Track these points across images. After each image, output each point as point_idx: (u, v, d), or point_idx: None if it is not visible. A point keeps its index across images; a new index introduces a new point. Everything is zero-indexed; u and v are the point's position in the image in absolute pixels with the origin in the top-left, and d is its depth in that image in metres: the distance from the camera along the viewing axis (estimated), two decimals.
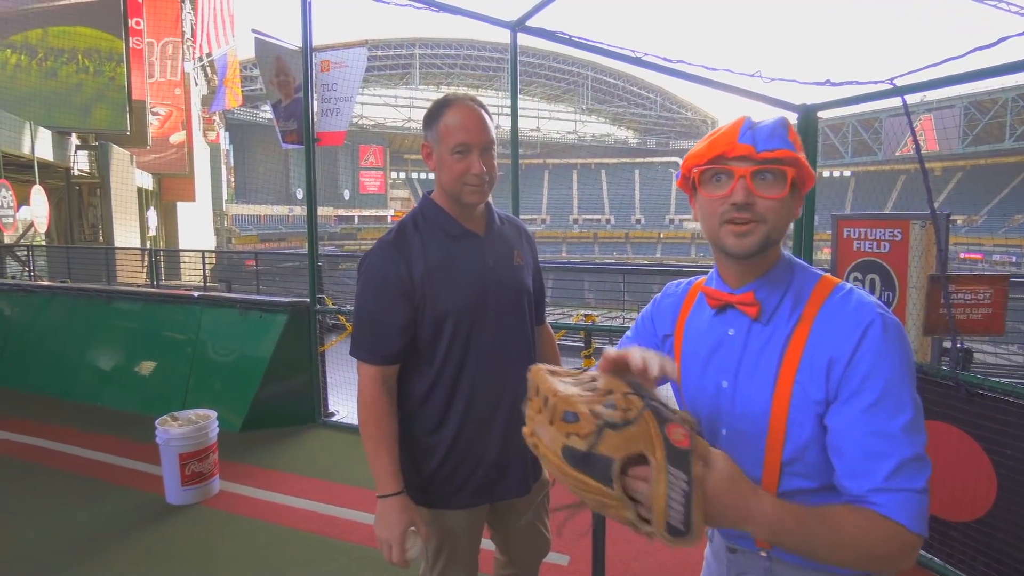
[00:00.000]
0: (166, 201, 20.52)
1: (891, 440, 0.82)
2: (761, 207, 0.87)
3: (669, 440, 0.68)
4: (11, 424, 4.26)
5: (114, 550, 2.74)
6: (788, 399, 0.88)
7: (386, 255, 1.39)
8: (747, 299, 0.93)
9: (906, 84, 2.47)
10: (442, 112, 1.39)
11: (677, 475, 0.68)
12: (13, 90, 12.23)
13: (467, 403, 1.44)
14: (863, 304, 0.87)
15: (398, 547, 1.34)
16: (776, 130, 0.89)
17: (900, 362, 0.84)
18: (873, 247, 2.89)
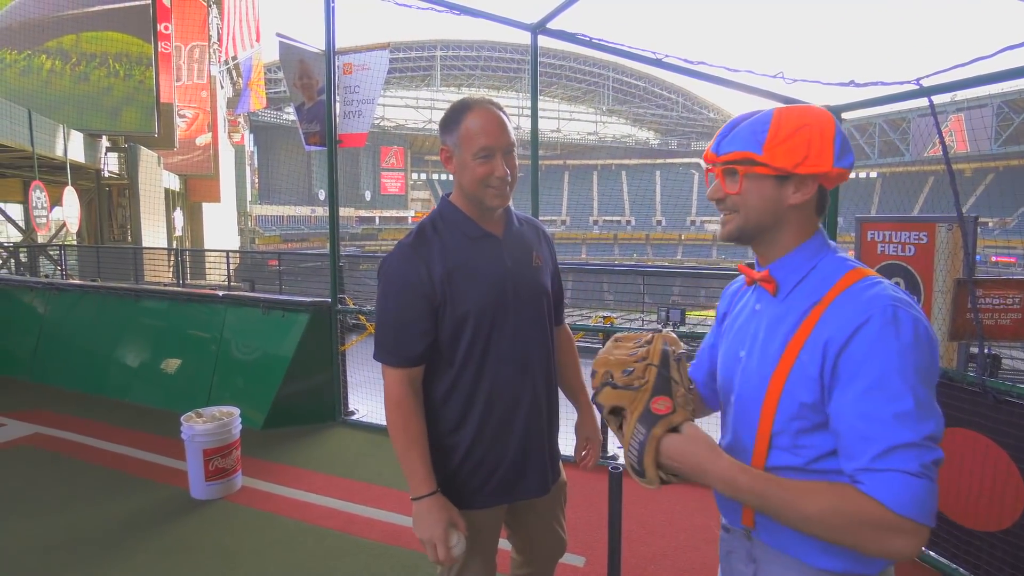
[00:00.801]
0: (192, 202, 20.96)
1: (882, 425, 0.83)
2: (730, 201, 1.00)
3: (650, 406, 0.93)
4: (43, 417, 4.40)
5: (139, 542, 2.81)
6: (787, 373, 0.94)
7: (406, 258, 1.40)
8: (765, 276, 1.02)
9: (933, 84, 2.43)
10: (462, 116, 1.39)
11: (639, 430, 0.92)
12: (47, 94, 12.61)
13: (487, 404, 1.45)
14: (877, 296, 0.88)
15: (442, 546, 1.35)
16: (740, 131, 0.98)
17: (899, 354, 0.84)
18: (898, 250, 2.84)
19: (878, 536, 0.82)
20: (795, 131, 0.93)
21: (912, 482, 0.81)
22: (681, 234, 48.97)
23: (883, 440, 0.83)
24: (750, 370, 1.01)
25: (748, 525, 1.03)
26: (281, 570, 2.61)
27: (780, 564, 0.99)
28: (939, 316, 2.62)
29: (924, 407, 0.84)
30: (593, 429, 1.74)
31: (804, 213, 0.99)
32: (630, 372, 0.95)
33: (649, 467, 0.91)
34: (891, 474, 0.82)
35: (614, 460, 3.72)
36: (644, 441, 0.91)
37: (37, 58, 12.67)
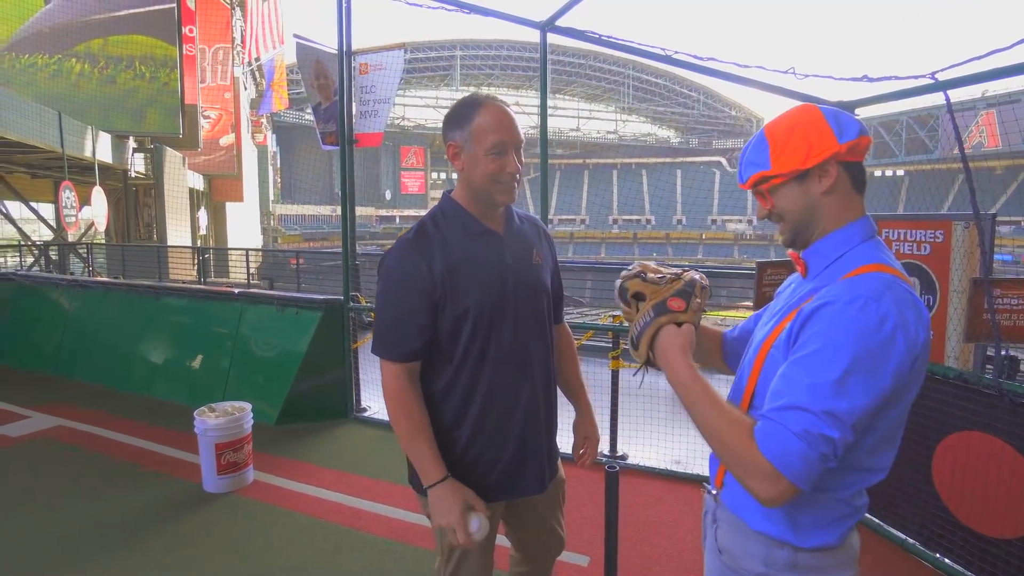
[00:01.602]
0: (216, 201, 21.32)
1: (796, 387, 0.91)
2: (774, 214, 1.08)
3: (666, 301, 1.07)
4: (65, 410, 4.52)
5: (152, 534, 2.87)
6: (771, 343, 1.03)
7: (406, 254, 1.41)
8: (797, 258, 1.10)
9: (949, 78, 2.37)
10: (474, 112, 1.39)
11: (649, 314, 1.07)
12: (76, 97, 12.94)
13: (485, 400, 1.45)
14: (863, 285, 0.93)
15: (461, 530, 1.34)
16: (748, 158, 1.07)
17: (846, 335, 0.89)
18: (913, 249, 2.78)
19: (745, 471, 0.92)
20: (788, 135, 1.01)
21: (789, 439, 0.88)
22: (702, 233, 48.46)
23: (789, 397, 0.91)
24: (756, 338, 1.12)
25: (718, 486, 1.13)
26: (288, 563, 2.64)
27: (731, 524, 1.09)
28: (955, 317, 2.55)
29: (844, 387, 0.88)
30: (591, 428, 1.73)
31: (839, 195, 1.02)
32: (662, 277, 1.10)
33: (643, 344, 1.06)
34: (777, 426, 0.90)
35: (611, 459, 3.70)
36: (649, 323, 1.06)
37: (67, 62, 13.02)
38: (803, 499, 0.97)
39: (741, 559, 1.05)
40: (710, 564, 1.15)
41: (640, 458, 3.69)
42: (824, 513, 0.99)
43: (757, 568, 1.02)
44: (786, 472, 0.88)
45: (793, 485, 0.88)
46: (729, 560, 1.07)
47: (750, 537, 1.04)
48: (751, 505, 1.03)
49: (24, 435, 4.10)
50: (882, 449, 1.00)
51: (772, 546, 1.01)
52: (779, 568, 1.01)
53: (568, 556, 2.64)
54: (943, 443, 2.55)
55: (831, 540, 1.00)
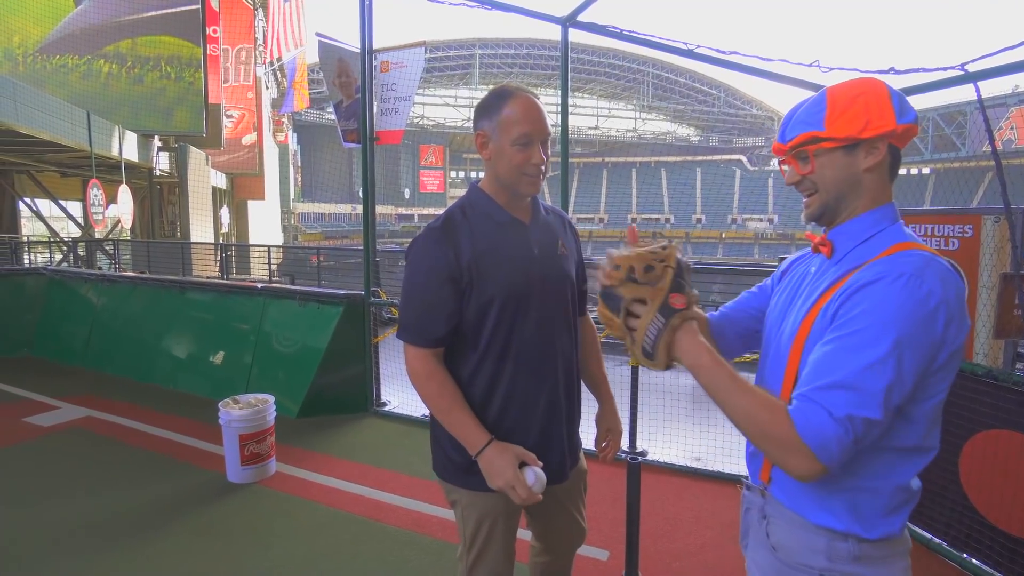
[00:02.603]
0: (238, 199, 21.66)
1: (838, 366, 0.89)
2: (807, 182, 1.04)
3: (668, 300, 1.01)
4: (94, 402, 4.63)
5: (176, 522, 2.93)
6: (811, 324, 0.99)
7: (434, 240, 1.42)
8: (822, 240, 1.06)
9: (979, 70, 2.32)
10: (503, 102, 1.40)
11: (659, 319, 1.01)
12: (105, 97, 13.24)
13: (509, 388, 1.46)
14: (905, 262, 0.91)
15: (520, 485, 1.33)
16: (799, 116, 1.02)
17: (893, 310, 0.88)
18: (940, 244, 2.73)
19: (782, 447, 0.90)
20: (852, 101, 0.97)
21: (827, 423, 0.87)
22: (722, 232, 47.93)
23: (831, 376, 0.89)
24: (788, 325, 1.07)
25: (764, 481, 1.09)
26: (309, 552, 2.68)
27: (786, 520, 1.04)
28: (984, 313, 2.50)
29: (890, 366, 0.86)
30: (614, 420, 1.73)
31: (878, 177, 1.01)
32: (651, 269, 1.03)
33: (662, 351, 1.02)
34: (817, 408, 0.88)
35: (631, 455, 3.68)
36: (662, 328, 1.01)
37: (96, 62, 13.33)
38: (864, 489, 0.96)
39: (800, 554, 1.01)
40: (761, 561, 1.09)
41: (660, 455, 3.67)
42: (887, 502, 0.97)
43: (820, 563, 0.99)
44: (822, 456, 0.87)
45: (825, 467, 0.88)
46: (786, 556, 1.03)
47: (810, 531, 1.00)
48: (809, 499, 1.00)
49: (54, 425, 4.21)
50: (933, 426, 0.97)
51: (835, 539, 0.98)
52: (844, 561, 0.98)
53: (588, 551, 2.64)
54: (971, 441, 2.50)
55: (895, 529, 0.98)
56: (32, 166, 13.00)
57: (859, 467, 0.95)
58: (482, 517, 1.51)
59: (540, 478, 1.35)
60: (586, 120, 53.80)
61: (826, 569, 0.98)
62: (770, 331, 1.14)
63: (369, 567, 2.58)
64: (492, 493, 1.50)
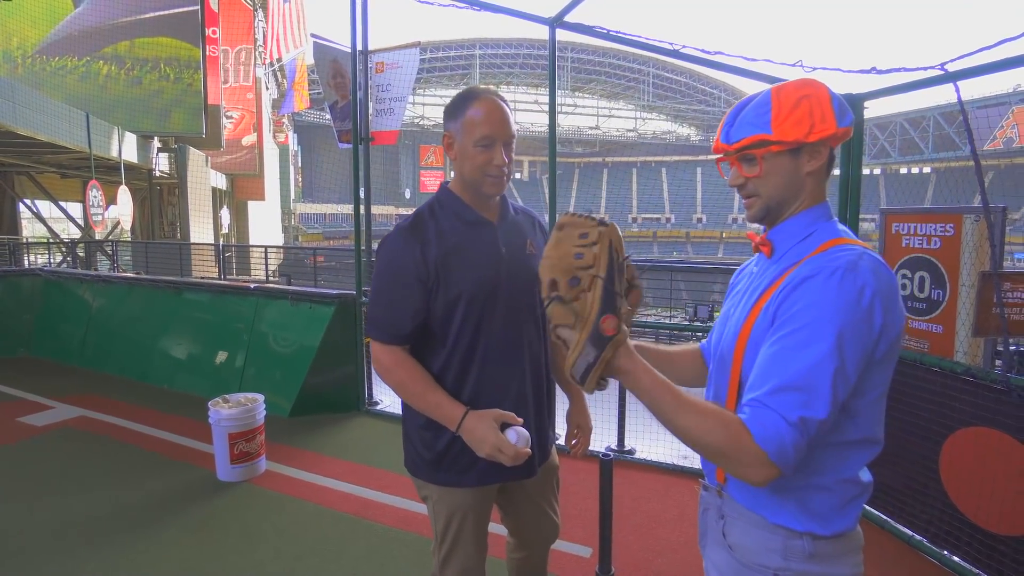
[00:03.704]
0: (238, 200, 21.69)
1: (782, 368, 0.89)
2: (751, 185, 1.04)
3: (599, 327, 0.92)
4: (89, 401, 4.66)
5: (167, 520, 2.96)
6: (751, 327, 0.99)
7: (402, 239, 1.45)
8: (763, 239, 1.08)
9: (958, 69, 2.33)
10: (467, 105, 1.43)
11: (589, 351, 0.93)
12: (104, 98, 13.29)
13: (476, 386, 1.48)
14: (837, 258, 0.93)
15: (505, 446, 1.34)
16: (745, 116, 1.02)
17: (829, 308, 0.89)
18: (923, 243, 2.74)
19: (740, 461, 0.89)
20: (797, 103, 0.98)
21: (783, 428, 0.87)
22: (722, 232, 47.89)
23: (777, 379, 0.89)
24: (732, 324, 1.07)
25: (720, 481, 1.09)
26: (297, 549, 2.71)
27: (744, 519, 1.04)
28: (963, 311, 2.52)
29: (832, 363, 0.87)
30: (584, 417, 1.75)
31: (818, 179, 1.03)
32: (577, 282, 0.94)
33: (591, 382, 0.95)
34: (772, 414, 0.88)
35: (619, 453, 3.71)
36: (593, 363, 0.93)
37: (95, 64, 13.37)
38: (817, 486, 0.97)
39: (758, 554, 1.01)
40: (719, 561, 1.09)
41: (648, 453, 3.69)
42: (839, 497, 0.98)
43: (775, 562, 1.00)
44: (780, 461, 0.87)
45: (781, 471, 0.88)
46: (743, 556, 1.03)
47: (767, 530, 1.00)
48: (766, 498, 1.00)
49: (49, 425, 4.24)
50: (877, 419, 0.98)
51: (791, 537, 0.98)
52: (799, 559, 0.98)
53: (570, 547, 2.66)
54: (950, 439, 2.52)
55: (849, 525, 0.99)
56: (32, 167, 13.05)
57: (808, 465, 0.95)
58: (452, 512, 1.53)
59: (522, 435, 1.36)
60: (586, 120, 53.80)
61: (781, 568, 0.99)
62: (718, 334, 1.14)
63: (355, 564, 2.60)
64: (461, 489, 1.53)
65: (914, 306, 2.81)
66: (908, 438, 2.68)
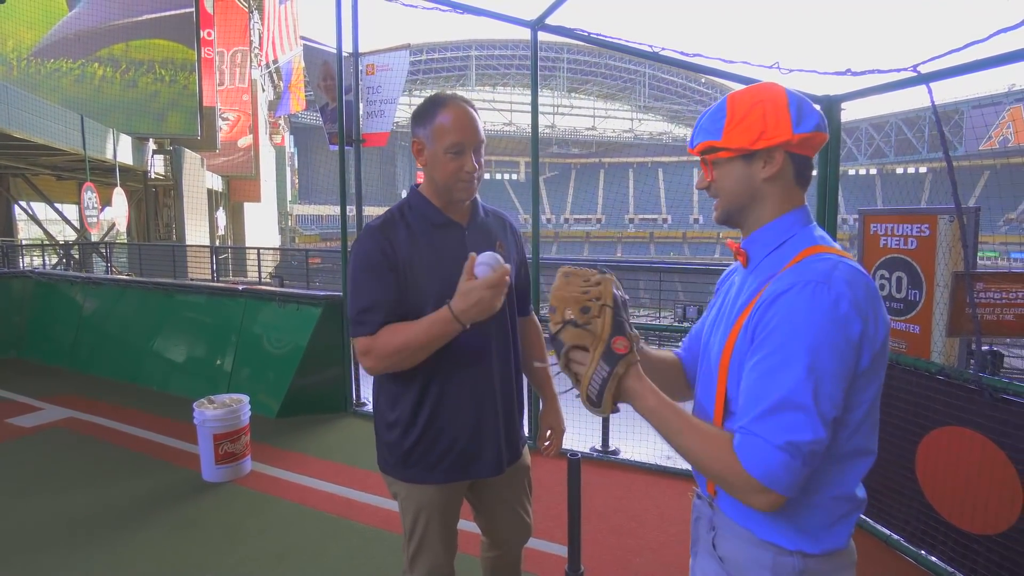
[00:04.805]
0: (234, 202, 21.69)
1: (764, 392, 0.89)
2: (714, 187, 1.05)
3: (611, 346, 0.99)
4: (78, 403, 4.67)
5: (151, 519, 2.97)
6: (734, 341, 0.99)
7: (373, 237, 1.47)
8: (738, 249, 1.08)
9: (931, 71, 2.35)
10: (436, 111, 1.45)
11: (603, 367, 0.99)
12: (99, 100, 13.29)
13: (443, 384, 1.50)
14: (811, 270, 0.91)
15: (490, 280, 1.33)
16: (703, 123, 1.04)
17: (807, 324, 0.88)
18: (900, 243, 2.77)
19: (736, 488, 0.91)
20: (749, 110, 0.97)
21: (770, 453, 0.87)
22: (719, 232, 47.91)
23: (760, 403, 0.89)
24: (715, 341, 1.06)
25: (711, 493, 1.09)
26: (278, 548, 2.72)
27: (733, 533, 1.03)
28: (938, 311, 2.54)
29: (812, 381, 0.86)
30: (556, 418, 1.76)
31: (781, 185, 1.01)
32: (588, 311, 1.00)
33: (608, 400, 0.99)
34: (758, 440, 0.88)
35: (604, 454, 3.73)
36: (607, 378, 0.98)
37: (90, 66, 13.38)
38: (808, 503, 0.95)
39: (748, 569, 1.00)
40: (708, 571, 1.09)
41: (632, 453, 3.71)
42: (829, 514, 0.96)
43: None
44: (774, 486, 0.87)
45: (781, 495, 0.88)
46: (733, 569, 1.03)
47: (757, 546, 0.99)
48: (756, 514, 0.99)
49: (37, 425, 4.25)
50: (870, 430, 0.98)
51: (780, 554, 0.97)
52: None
53: (548, 547, 2.68)
54: (926, 439, 2.54)
55: (840, 543, 0.97)
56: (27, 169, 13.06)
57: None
58: (419, 509, 1.56)
59: (487, 260, 1.36)
60: (583, 121, 53.85)
61: None
62: (703, 350, 1.13)
63: (336, 563, 2.62)
64: (427, 486, 1.55)
65: (892, 306, 2.83)
66: (885, 438, 2.70)
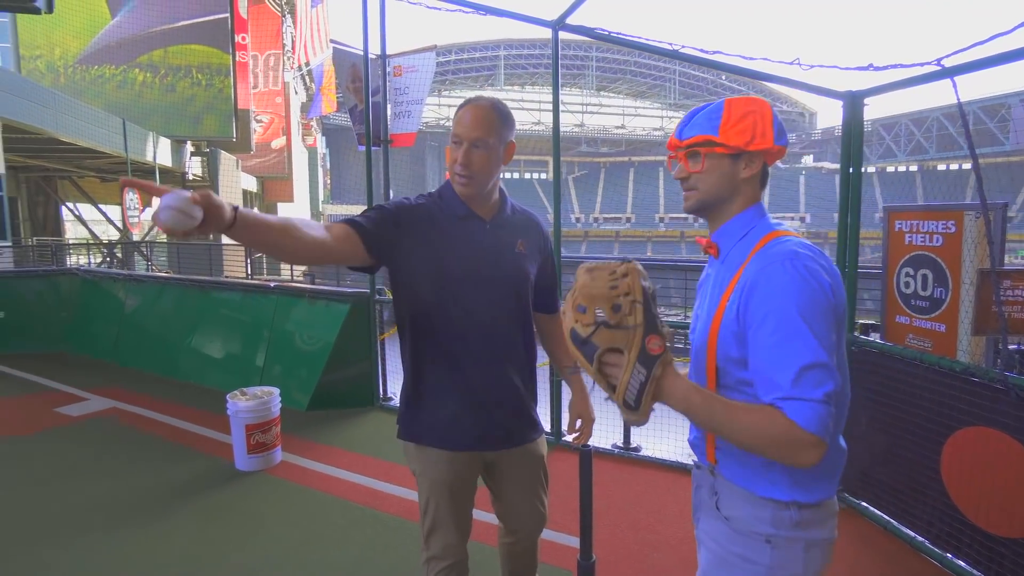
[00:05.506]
0: (268, 202, 22.23)
1: (783, 361, 0.99)
2: (692, 179, 1.16)
3: (646, 347, 0.97)
4: (120, 394, 4.89)
5: (185, 505, 3.11)
6: (719, 324, 1.11)
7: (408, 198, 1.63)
8: (709, 242, 1.20)
9: (955, 65, 2.31)
10: (459, 108, 1.58)
11: (640, 371, 0.97)
12: (139, 105, 13.80)
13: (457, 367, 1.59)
14: (778, 252, 1.05)
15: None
16: (698, 119, 1.15)
17: (793, 294, 1.00)
18: (925, 240, 2.72)
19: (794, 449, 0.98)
20: (743, 116, 1.11)
21: (818, 408, 0.97)
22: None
23: (787, 370, 0.98)
24: (701, 324, 1.18)
25: (712, 461, 1.19)
26: (305, 535, 2.82)
27: (735, 495, 1.15)
28: (966, 309, 2.49)
29: (815, 339, 0.98)
30: (586, 408, 1.82)
31: (752, 185, 1.16)
32: (619, 309, 0.97)
33: (647, 404, 0.98)
34: (803, 403, 0.97)
35: (625, 450, 3.74)
36: (645, 382, 0.97)
37: (131, 72, 13.90)
38: None
39: (751, 523, 1.12)
40: (713, 531, 1.19)
41: (653, 450, 3.72)
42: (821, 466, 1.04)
43: (767, 530, 1.10)
44: (825, 435, 0.96)
45: (826, 443, 0.97)
46: (738, 525, 1.14)
47: (757, 504, 1.11)
48: (754, 474, 1.11)
49: (83, 415, 4.47)
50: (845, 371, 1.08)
51: (779, 508, 1.09)
52: (787, 527, 1.09)
53: (569, 539, 2.72)
54: (951, 439, 2.49)
55: (831, 492, 1.11)
56: (73, 172, 13.64)
57: None
58: (431, 485, 1.65)
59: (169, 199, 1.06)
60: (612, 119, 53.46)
61: (772, 535, 1.10)
62: (692, 334, 1.25)
63: (359, 550, 2.71)
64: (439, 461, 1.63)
65: (917, 304, 2.78)
66: (909, 437, 2.67)
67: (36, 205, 14.74)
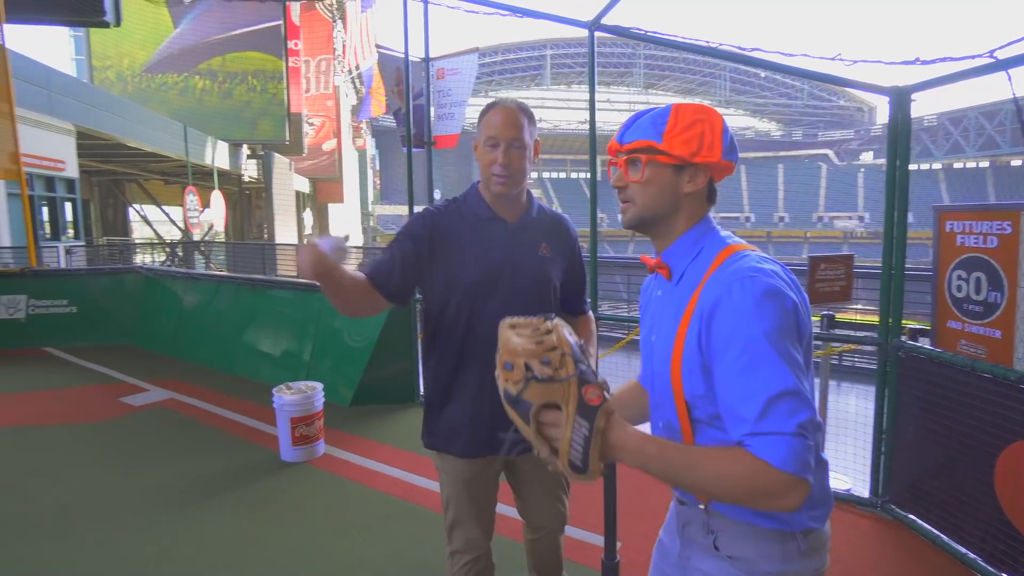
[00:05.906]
0: (319, 202, 22.95)
1: (751, 392, 0.89)
2: (630, 190, 1.06)
3: (584, 398, 0.88)
4: (178, 386, 5.18)
5: (232, 492, 3.28)
6: (681, 352, 1.01)
7: (422, 216, 1.65)
8: (658, 263, 1.09)
9: (1008, 57, 2.20)
10: (486, 112, 1.61)
11: (581, 423, 0.87)
12: (199, 110, 14.51)
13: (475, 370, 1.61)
14: (736, 269, 0.96)
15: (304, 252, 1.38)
16: (642, 123, 1.05)
17: (757, 318, 0.91)
18: (978, 242, 2.60)
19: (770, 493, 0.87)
20: (691, 124, 1.01)
21: (792, 442, 0.86)
22: (807, 231, 45.44)
23: (755, 402, 0.88)
24: (658, 354, 1.08)
25: (703, 500, 1.08)
26: (343, 524, 2.93)
27: (738, 531, 1.04)
28: (1021, 313, 2.36)
29: (786, 360, 0.89)
30: None
31: (696, 202, 1.07)
32: (549, 362, 0.89)
33: (595, 461, 0.88)
34: (772, 437, 0.87)
35: None
36: (589, 436, 0.87)
37: (192, 79, 14.63)
38: None
39: (760, 562, 1.02)
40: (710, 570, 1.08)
41: None
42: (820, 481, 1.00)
43: (776, 567, 1.01)
44: (805, 473, 0.86)
45: (808, 481, 0.87)
46: (745, 565, 1.04)
47: (766, 538, 1.02)
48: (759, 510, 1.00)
49: (143, 405, 4.76)
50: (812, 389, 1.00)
51: (786, 540, 1.01)
52: (796, 558, 1.01)
53: (588, 537, 2.74)
54: (1006, 451, 2.37)
55: (830, 505, 1.04)
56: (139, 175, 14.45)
57: None
58: (450, 482, 1.70)
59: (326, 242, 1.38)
60: None
61: (783, 571, 1.01)
62: (646, 362, 1.15)
63: (396, 541, 2.79)
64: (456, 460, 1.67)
65: (970, 309, 2.66)
66: (961, 449, 2.55)
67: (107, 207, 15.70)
